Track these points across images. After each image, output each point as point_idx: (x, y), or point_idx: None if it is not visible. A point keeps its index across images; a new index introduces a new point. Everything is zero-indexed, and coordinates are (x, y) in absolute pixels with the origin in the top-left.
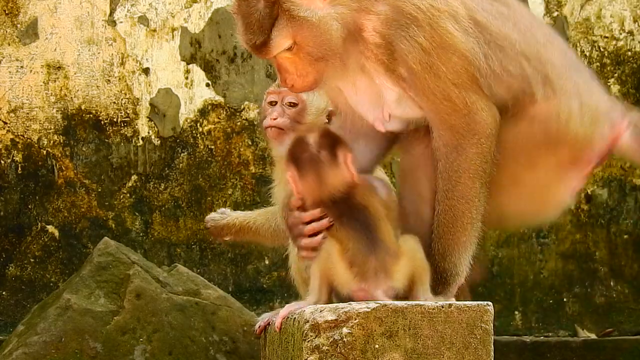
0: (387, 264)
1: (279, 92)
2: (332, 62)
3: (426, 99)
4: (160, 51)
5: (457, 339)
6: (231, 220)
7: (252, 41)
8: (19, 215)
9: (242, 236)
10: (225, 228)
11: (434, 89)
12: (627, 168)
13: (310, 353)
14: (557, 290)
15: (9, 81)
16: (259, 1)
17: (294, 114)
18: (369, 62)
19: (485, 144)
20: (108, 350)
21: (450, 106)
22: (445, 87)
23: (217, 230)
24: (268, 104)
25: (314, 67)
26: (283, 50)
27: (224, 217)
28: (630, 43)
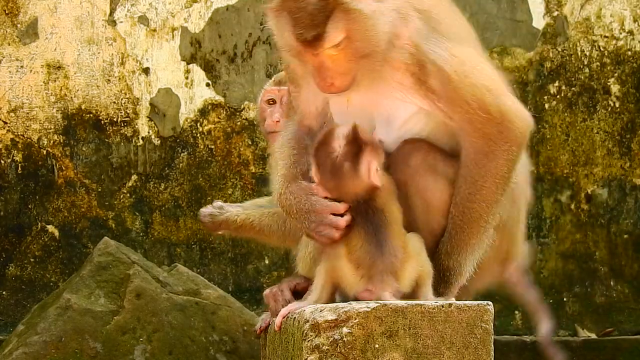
0: (395, 267)
1: (278, 91)
2: (373, 61)
3: (460, 109)
4: (160, 51)
5: (457, 339)
6: (231, 216)
7: (303, 35)
8: (19, 215)
9: (241, 233)
10: (223, 224)
11: (470, 97)
12: (627, 168)
13: (310, 353)
14: (557, 290)
15: (9, 81)
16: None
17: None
18: (397, 72)
19: (516, 152)
20: (108, 350)
21: (485, 115)
22: (482, 95)
23: (214, 226)
24: (266, 103)
25: (356, 66)
26: (335, 42)
27: (222, 212)
28: (630, 43)
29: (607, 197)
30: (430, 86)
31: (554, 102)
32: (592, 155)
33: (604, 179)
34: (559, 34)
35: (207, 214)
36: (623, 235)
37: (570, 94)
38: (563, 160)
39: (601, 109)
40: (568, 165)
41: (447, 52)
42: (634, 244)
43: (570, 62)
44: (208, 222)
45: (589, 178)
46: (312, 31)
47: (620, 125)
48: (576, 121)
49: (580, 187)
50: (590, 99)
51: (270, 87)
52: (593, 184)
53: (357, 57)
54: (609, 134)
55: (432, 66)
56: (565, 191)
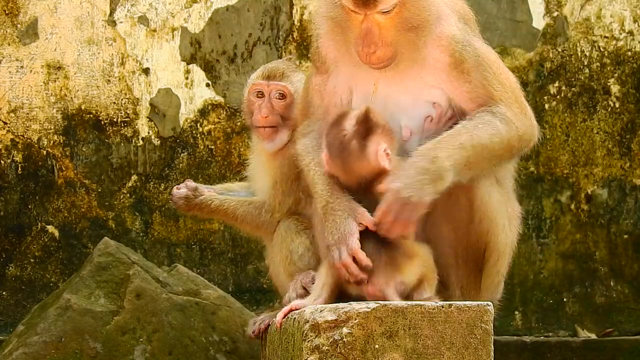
0: (398, 260)
1: (267, 85)
2: (418, 37)
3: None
4: (160, 51)
5: (457, 339)
6: (205, 200)
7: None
8: (19, 215)
9: (213, 216)
10: (196, 207)
11: (506, 81)
12: (627, 168)
13: (310, 353)
14: (557, 290)
15: (9, 81)
16: None
17: (282, 108)
18: (436, 50)
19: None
20: (108, 350)
21: (516, 99)
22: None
23: (187, 208)
24: (254, 96)
25: (400, 38)
26: (389, 6)
27: (197, 195)
28: (630, 43)
29: (607, 197)
30: (465, 69)
31: (554, 102)
32: (592, 155)
33: (604, 179)
34: (559, 35)
35: (182, 196)
36: (623, 235)
37: (570, 95)
38: (563, 160)
39: (601, 109)
40: (568, 166)
41: (484, 45)
42: (634, 244)
43: (570, 62)
44: (182, 205)
45: (589, 178)
46: None
47: (620, 125)
48: (576, 121)
49: (580, 187)
50: (590, 99)
51: (259, 80)
52: (593, 184)
53: (405, 28)
54: (609, 134)
55: (472, 51)
56: (565, 191)
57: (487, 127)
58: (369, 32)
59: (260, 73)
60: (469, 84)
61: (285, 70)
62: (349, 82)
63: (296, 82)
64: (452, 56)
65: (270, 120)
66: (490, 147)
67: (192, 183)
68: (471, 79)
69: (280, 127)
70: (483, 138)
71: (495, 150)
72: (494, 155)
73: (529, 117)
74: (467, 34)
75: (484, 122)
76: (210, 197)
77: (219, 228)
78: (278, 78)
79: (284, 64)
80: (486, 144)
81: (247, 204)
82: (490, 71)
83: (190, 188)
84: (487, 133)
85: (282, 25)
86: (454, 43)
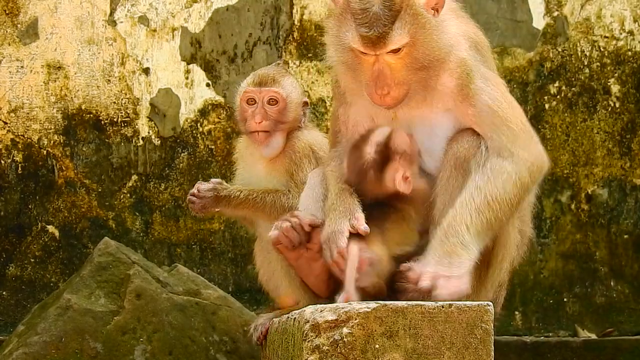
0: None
1: (259, 92)
2: (429, 75)
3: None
4: (161, 51)
5: (457, 339)
6: (234, 192)
7: (368, 35)
8: (19, 215)
9: (237, 210)
10: (224, 200)
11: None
12: (627, 168)
13: (311, 353)
14: (557, 290)
15: (9, 81)
16: None
17: (276, 113)
18: (447, 77)
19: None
20: (108, 350)
21: (526, 133)
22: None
23: (214, 202)
24: (246, 103)
25: (412, 77)
26: (397, 47)
27: (224, 187)
28: (630, 43)
29: (607, 197)
30: (470, 92)
31: (554, 102)
32: (592, 155)
33: (604, 179)
34: (559, 34)
35: (210, 188)
36: (623, 235)
37: (571, 94)
38: (563, 160)
39: (601, 109)
40: (568, 166)
41: (494, 82)
42: (634, 244)
43: (570, 62)
44: (210, 198)
45: (589, 178)
46: (376, 30)
47: (620, 125)
48: (576, 121)
49: (580, 187)
50: (590, 99)
51: (250, 87)
52: (593, 184)
53: (416, 67)
54: (609, 134)
55: (478, 75)
56: (565, 191)
57: (497, 176)
58: (380, 74)
59: (251, 80)
60: (474, 107)
61: (276, 75)
62: (369, 110)
63: (287, 86)
64: (459, 79)
65: (264, 125)
66: (506, 197)
67: (216, 179)
68: (475, 102)
69: (273, 132)
70: (497, 192)
71: (512, 197)
72: (512, 202)
73: (535, 143)
74: (475, 60)
75: (492, 171)
76: (238, 189)
77: (219, 228)
78: (269, 84)
79: (274, 69)
80: (502, 196)
81: (273, 192)
82: (495, 98)
83: (215, 181)
84: (499, 184)
85: (282, 25)
86: (462, 67)
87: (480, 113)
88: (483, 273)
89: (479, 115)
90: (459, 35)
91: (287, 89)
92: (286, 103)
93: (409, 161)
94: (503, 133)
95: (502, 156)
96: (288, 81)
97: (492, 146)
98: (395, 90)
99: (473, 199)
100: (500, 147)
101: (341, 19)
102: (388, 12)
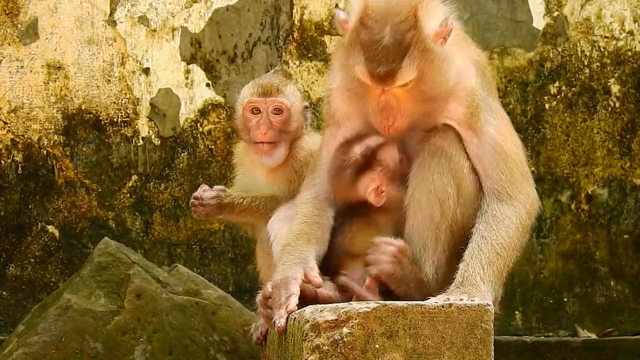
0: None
1: (264, 102)
2: (435, 107)
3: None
4: (161, 51)
5: (457, 339)
6: (237, 199)
7: (377, 70)
8: (19, 215)
9: (241, 217)
10: (227, 207)
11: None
12: (627, 168)
13: (311, 353)
14: (557, 290)
15: (9, 81)
16: (395, 27)
17: (280, 123)
18: (456, 105)
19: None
20: (108, 350)
21: (523, 174)
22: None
23: (217, 210)
24: (250, 112)
25: (418, 109)
26: (405, 83)
27: (227, 194)
28: (630, 43)
29: (608, 197)
30: (476, 124)
31: (554, 102)
32: (592, 155)
33: (604, 179)
34: (559, 34)
35: (213, 196)
36: (623, 235)
37: (571, 94)
38: (563, 160)
39: (601, 109)
40: (568, 166)
41: (500, 115)
42: (634, 244)
43: (570, 62)
44: (214, 205)
45: (589, 178)
46: (386, 66)
47: (620, 125)
48: (576, 121)
49: (580, 187)
50: (590, 99)
51: (255, 97)
52: (593, 184)
53: (423, 99)
54: (609, 134)
55: (486, 108)
56: (565, 191)
57: (500, 224)
58: (387, 105)
59: (255, 90)
60: (478, 139)
61: (280, 85)
62: (361, 132)
63: (290, 96)
64: (469, 107)
65: (269, 136)
66: (511, 243)
67: (218, 186)
68: (481, 134)
69: (278, 142)
70: (502, 240)
71: (516, 241)
72: (516, 246)
73: (531, 185)
74: (483, 89)
75: (495, 218)
76: (241, 195)
77: (219, 228)
78: (274, 94)
79: (277, 78)
80: (507, 243)
81: (275, 199)
82: (500, 133)
83: (218, 189)
84: (503, 232)
85: (282, 25)
86: (471, 96)
87: (484, 146)
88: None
89: (483, 147)
90: (466, 62)
91: (291, 99)
92: (290, 113)
93: (389, 177)
94: (503, 172)
95: (502, 200)
96: (290, 90)
97: (491, 187)
98: (400, 120)
99: (481, 249)
100: (499, 191)
101: (350, 48)
102: (398, 46)
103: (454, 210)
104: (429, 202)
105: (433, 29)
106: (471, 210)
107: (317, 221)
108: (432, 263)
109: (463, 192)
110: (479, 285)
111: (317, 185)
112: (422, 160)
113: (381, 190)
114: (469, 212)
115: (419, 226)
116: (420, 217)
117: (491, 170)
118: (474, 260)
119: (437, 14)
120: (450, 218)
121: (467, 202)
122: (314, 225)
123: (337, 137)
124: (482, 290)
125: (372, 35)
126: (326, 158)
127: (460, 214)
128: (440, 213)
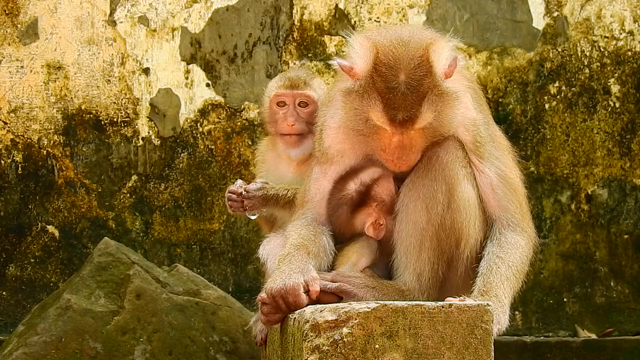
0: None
1: (292, 94)
2: (442, 139)
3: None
4: (161, 51)
5: (457, 339)
6: (280, 190)
7: (396, 116)
8: (19, 215)
9: (285, 210)
10: (272, 199)
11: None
12: (627, 168)
13: (311, 353)
14: (557, 290)
15: (9, 81)
16: (411, 74)
17: (307, 115)
18: (462, 132)
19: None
20: (108, 350)
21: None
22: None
23: (263, 201)
24: (276, 105)
25: (428, 142)
26: (424, 126)
27: (271, 186)
28: (630, 43)
29: (607, 197)
30: (482, 154)
31: (554, 102)
32: (592, 155)
33: (604, 179)
34: (559, 35)
35: (259, 187)
36: (623, 235)
37: (571, 94)
38: (563, 160)
39: (601, 109)
40: (568, 166)
41: (502, 145)
42: (634, 244)
43: (570, 62)
44: (260, 196)
45: (589, 178)
46: (405, 113)
47: (620, 125)
48: (576, 121)
49: (580, 187)
50: (590, 99)
51: (282, 90)
52: (593, 185)
53: (434, 135)
54: (609, 134)
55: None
56: (565, 191)
57: (514, 250)
58: (400, 146)
59: (282, 83)
60: (487, 170)
61: (307, 78)
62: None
63: (317, 88)
64: (475, 136)
65: (297, 128)
66: (523, 267)
67: (261, 180)
68: (489, 167)
69: (305, 135)
70: (517, 263)
71: (525, 267)
72: (524, 271)
73: (530, 220)
74: (483, 120)
75: (509, 244)
76: (284, 187)
77: (219, 228)
78: (301, 87)
79: (303, 72)
80: (521, 267)
81: None
82: (506, 166)
83: (261, 181)
84: (517, 257)
85: (282, 25)
86: (475, 126)
87: (492, 179)
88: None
89: (490, 178)
90: (464, 91)
91: (318, 92)
92: (317, 105)
93: (386, 211)
94: (513, 203)
95: (515, 231)
96: (317, 83)
97: (504, 217)
98: (413, 157)
99: (499, 267)
100: (513, 221)
101: (364, 94)
102: (415, 93)
103: (442, 217)
104: (415, 208)
105: (443, 68)
106: (465, 216)
107: (314, 240)
108: (414, 270)
109: (456, 199)
110: (501, 298)
111: (309, 217)
112: (417, 168)
113: (379, 223)
114: (462, 217)
115: (403, 232)
116: (405, 224)
117: (505, 202)
118: (494, 274)
119: (446, 53)
120: (437, 224)
121: (460, 208)
122: (312, 243)
123: (328, 174)
124: (504, 303)
125: (388, 83)
126: (316, 195)
127: (450, 220)
128: (427, 219)
